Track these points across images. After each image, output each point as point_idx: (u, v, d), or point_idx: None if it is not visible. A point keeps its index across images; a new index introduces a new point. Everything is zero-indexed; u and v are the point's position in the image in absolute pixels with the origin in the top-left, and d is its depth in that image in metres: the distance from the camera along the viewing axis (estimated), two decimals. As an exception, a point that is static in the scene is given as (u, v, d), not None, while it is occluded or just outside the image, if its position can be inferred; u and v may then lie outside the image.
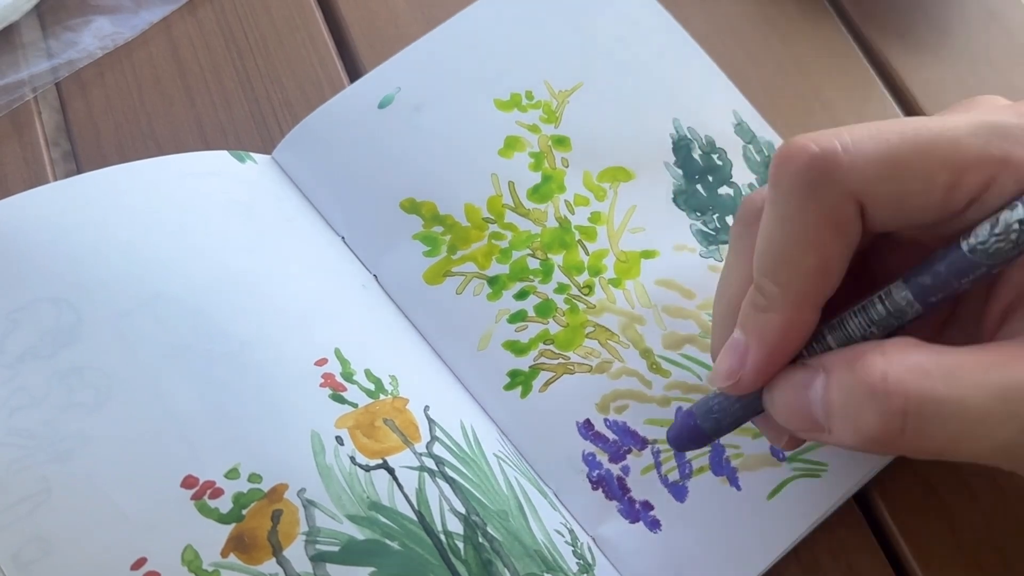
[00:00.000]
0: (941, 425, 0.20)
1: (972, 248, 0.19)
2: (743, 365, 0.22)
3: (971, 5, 0.38)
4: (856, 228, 0.21)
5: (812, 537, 0.28)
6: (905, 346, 0.20)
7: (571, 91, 0.32)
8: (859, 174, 0.20)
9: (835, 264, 0.21)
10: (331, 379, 0.26)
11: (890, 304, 0.21)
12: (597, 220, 0.31)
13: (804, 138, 0.21)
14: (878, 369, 0.20)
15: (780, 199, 0.21)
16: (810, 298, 0.22)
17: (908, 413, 0.20)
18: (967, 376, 0.20)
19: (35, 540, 0.22)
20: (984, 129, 0.20)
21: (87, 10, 0.35)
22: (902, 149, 0.20)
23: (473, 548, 0.24)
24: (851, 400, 0.20)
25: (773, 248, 0.22)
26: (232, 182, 0.30)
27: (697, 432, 0.25)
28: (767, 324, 0.22)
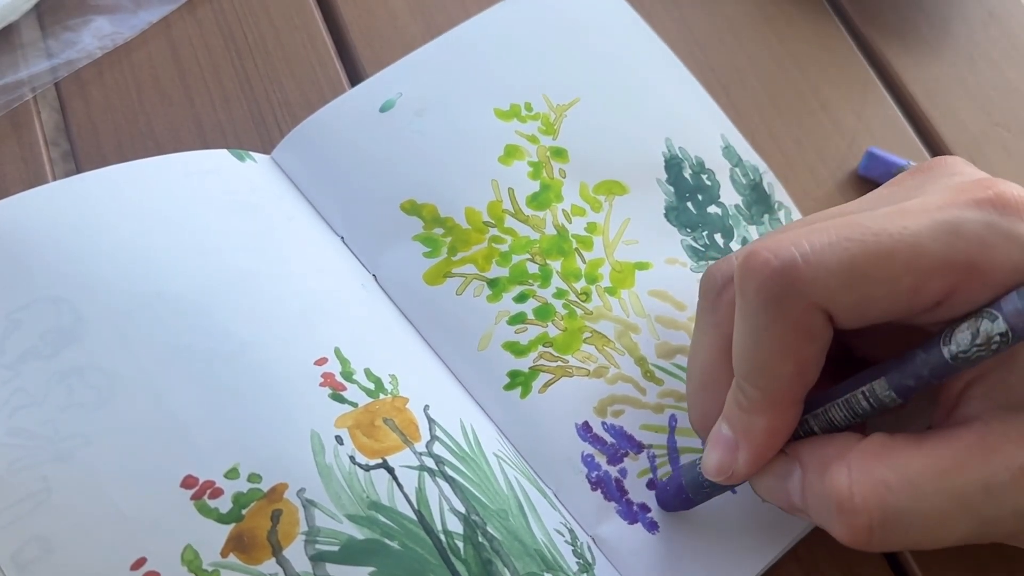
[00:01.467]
0: (905, 532, 0.21)
1: (954, 356, 0.20)
2: (735, 460, 0.23)
3: (971, 5, 0.38)
4: (826, 332, 0.21)
5: (811, 537, 0.28)
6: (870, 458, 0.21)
7: (569, 105, 0.33)
8: (821, 285, 0.20)
9: (811, 366, 0.22)
10: (331, 378, 0.26)
11: (874, 400, 0.22)
12: (593, 230, 0.31)
13: (763, 248, 0.21)
14: (844, 486, 0.21)
15: (748, 310, 0.22)
16: (791, 397, 0.22)
17: (873, 528, 0.21)
18: (926, 485, 0.21)
19: (35, 540, 0.22)
20: (945, 232, 0.20)
21: (86, 10, 0.35)
22: (863, 257, 0.20)
23: (473, 547, 0.24)
24: (822, 509, 0.22)
25: (748, 354, 0.22)
26: (232, 181, 0.30)
27: (686, 497, 0.26)
28: (753, 425, 0.23)
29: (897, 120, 0.35)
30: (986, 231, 0.20)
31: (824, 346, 0.22)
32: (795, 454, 0.23)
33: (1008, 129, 0.35)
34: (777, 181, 0.33)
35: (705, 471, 0.24)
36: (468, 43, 0.33)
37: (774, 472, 0.23)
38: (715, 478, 0.24)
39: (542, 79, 0.33)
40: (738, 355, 0.22)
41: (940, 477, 0.21)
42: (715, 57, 0.36)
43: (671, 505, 0.27)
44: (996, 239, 0.20)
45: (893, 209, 0.21)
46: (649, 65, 0.34)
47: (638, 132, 0.33)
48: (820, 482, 0.22)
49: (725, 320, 0.25)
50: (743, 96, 0.35)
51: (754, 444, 0.23)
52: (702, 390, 0.25)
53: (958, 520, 0.21)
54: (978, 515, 0.21)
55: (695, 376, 0.26)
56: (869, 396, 0.22)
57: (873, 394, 0.22)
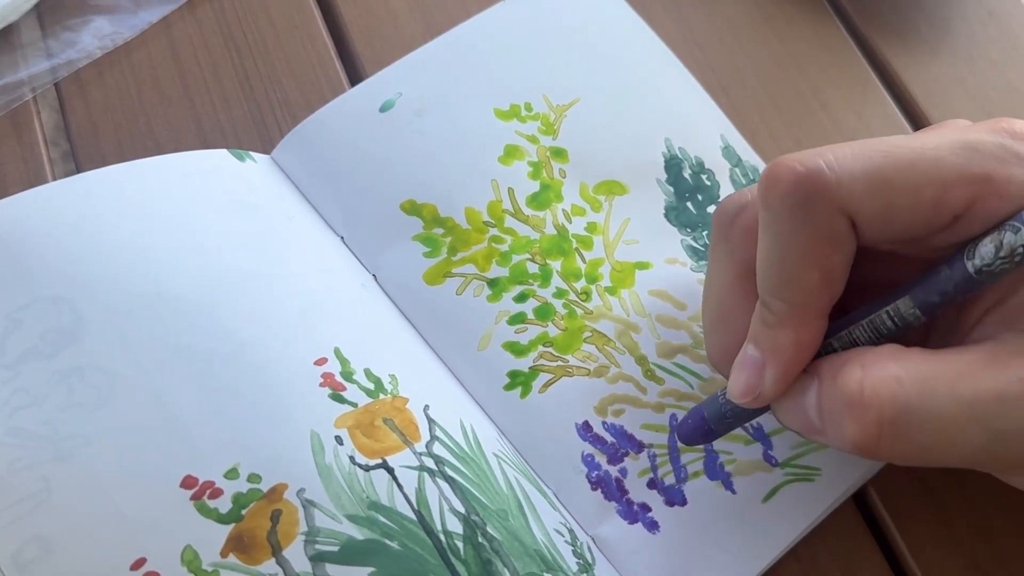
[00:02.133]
0: (915, 434, 0.21)
1: (978, 270, 0.20)
2: (761, 381, 0.23)
3: (971, 5, 0.38)
4: (851, 240, 0.22)
5: (811, 537, 0.28)
6: (884, 356, 0.21)
7: (568, 105, 0.33)
8: (846, 191, 0.21)
9: (837, 275, 0.22)
10: (330, 378, 0.26)
11: (898, 319, 0.22)
12: (593, 230, 0.31)
13: (789, 158, 0.21)
14: (855, 381, 0.21)
15: (773, 220, 0.22)
16: (817, 309, 0.22)
17: (883, 423, 0.21)
18: (939, 387, 0.21)
19: (35, 540, 0.22)
20: (964, 147, 0.21)
21: (86, 10, 0.35)
22: (886, 166, 0.21)
23: (473, 548, 0.24)
24: (834, 410, 0.22)
25: (774, 267, 0.22)
26: (232, 181, 0.30)
27: (709, 432, 0.26)
28: (780, 340, 0.23)
29: (897, 120, 0.35)
30: (1001, 150, 0.21)
31: (849, 256, 0.22)
32: (814, 369, 0.23)
33: (1008, 129, 0.35)
34: (777, 181, 0.33)
35: (732, 395, 0.24)
36: (468, 43, 0.33)
37: (794, 390, 0.23)
38: (742, 400, 0.24)
39: (542, 79, 0.33)
40: (763, 269, 0.22)
41: (954, 381, 0.21)
42: (715, 57, 0.36)
43: (691, 439, 0.27)
44: (1010, 157, 0.21)
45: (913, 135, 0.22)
46: (649, 65, 0.34)
47: (638, 132, 0.33)
48: (833, 385, 0.22)
49: (739, 247, 0.25)
50: (743, 96, 0.35)
51: (782, 360, 0.23)
52: (720, 322, 0.25)
53: (969, 428, 0.21)
54: (990, 426, 0.20)
55: (712, 308, 0.26)
56: (893, 315, 0.22)
57: (898, 312, 0.22)
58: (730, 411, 0.25)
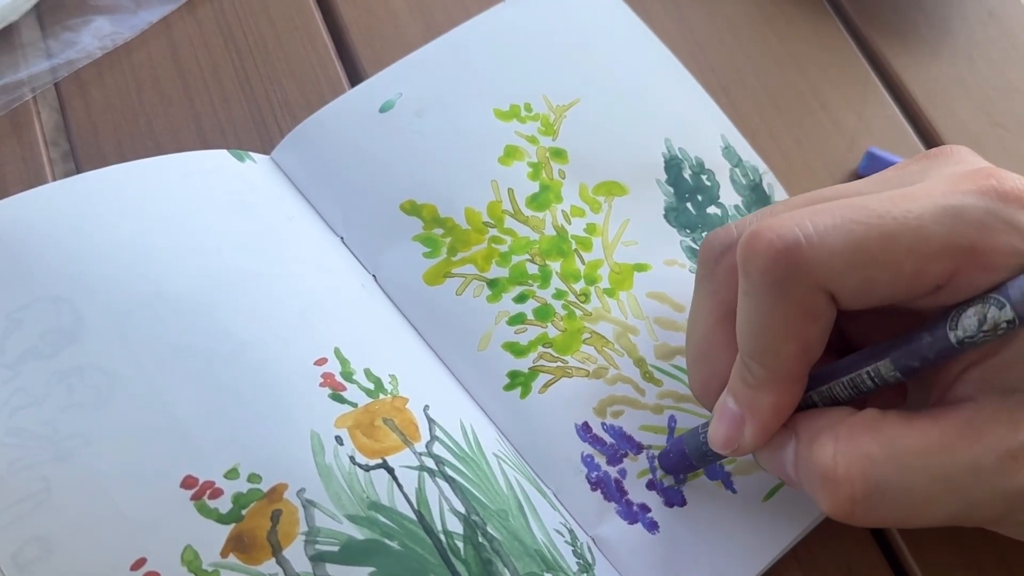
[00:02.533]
0: (888, 507, 0.21)
1: (960, 341, 0.20)
2: (741, 434, 0.23)
3: (971, 5, 0.38)
4: (830, 313, 0.21)
5: (811, 537, 0.28)
6: (858, 430, 0.21)
7: (568, 106, 0.33)
8: (825, 268, 0.20)
9: (814, 344, 0.22)
10: (330, 378, 0.26)
11: (878, 379, 0.22)
12: (592, 231, 0.31)
13: (768, 229, 0.21)
14: (829, 457, 0.21)
15: (752, 292, 0.22)
16: (795, 375, 0.22)
17: (855, 499, 0.21)
18: (911, 461, 0.21)
19: (35, 540, 0.22)
20: (948, 217, 0.20)
21: (86, 10, 0.35)
22: (867, 240, 0.20)
23: (473, 548, 0.24)
24: (809, 479, 0.22)
25: (753, 335, 0.22)
26: (232, 181, 0.30)
27: (688, 463, 0.27)
28: (759, 402, 0.23)
29: (897, 120, 0.35)
30: (987, 217, 0.20)
31: (828, 326, 0.22)
32: (792, 425, 0.23)
33: (1007, 129, 0.35)
34: (777, 182, 0.33)
35: (712, 444, 0.24)
36: (468, 44, 0.33)
37: (773, 443, 0.23)
38: (722, 451, 0.24)
39: (542, 80, 0.33)
40: (742, 334, 0.23)
41: (927, 455, 0.21)
42: (715, 57, 0.36)
43: (673, 470, 0.28)
44: (997, 224, 0.20)
45: (897, 193, 0.21)
46: (648, 66, 0.34)
47: (638, 133, 0.33)
48: (809, 453, 0.22)
49: (723, 287, 0.25)
50: (743, 96, 0.35)
51: (760, 419, 0.23)
52: (701, 358, 0.26)
53: (943, 500, 0.21)
54: (964, 496, 0.21)
55: (694, 345, 0.26)
56: (874, 375, 0.22)
57: (878, 373, 0.22)
58: (709, 449, 0.25)
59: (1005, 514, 0.21)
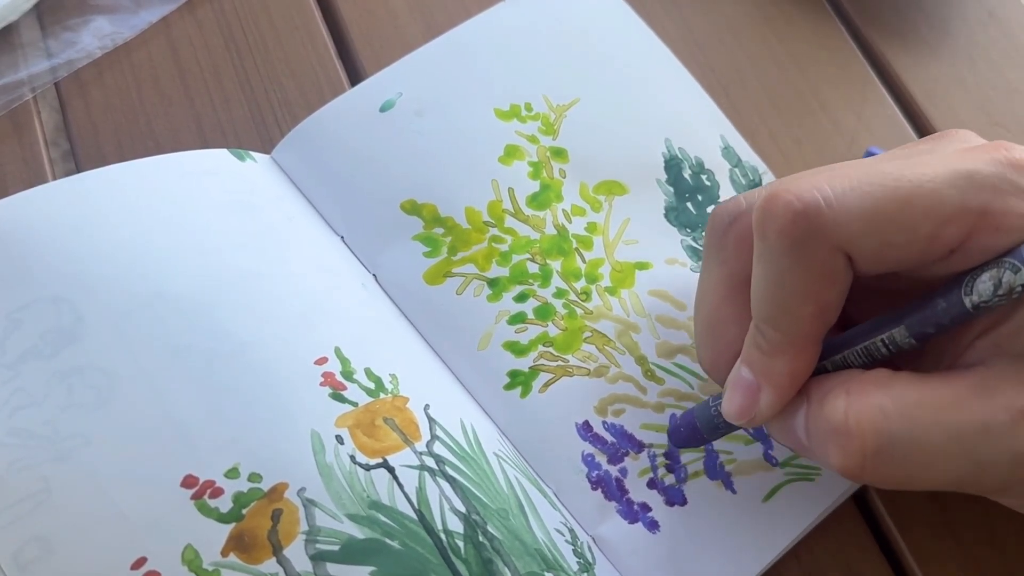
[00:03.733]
0: (899, 462, 0.21)
1: (975, 305, 0.20)
2: (756, 404, 0.23)
3: (971, 5, 0.38)
4: (847, 275, 0.21)
5: (811, 537, 0.28)
6: (870, 385, 0.21)
7: (568, 106, 0.33)
8: (844, 229, 0.20)
9: (832, 307, 0.22)
10: (331, 378, 0.26)
11: (892, 346, 0.22)
12: (593, 230, 0.31)
13: (786, 191, 0.21)
14: (840, 410, 0.21)
15: (768, 253, 0.22)
16: (812, 339, 0.22)
17: (866, 453, 0.21)
18: (924, 417, 0.21)
19: (35, 540, 0.22)
20: (961, 180, 0.20)
21: (86, 10, 0.35)
22: (884, 202, 0.20)
23: (473, 547, 0.24)
24: (821, 434, 0.22)
25: (769, 298, 0.22)
26: (232, 181, 0.30)
27: (699, 436, 0.27)
28: (775, 367, 0.23)
29: (897, 120, 0.35)
30: (999, 181, 0.20)
31: (845, 289, 0.22)
32: (804, 391, 0.23)
33: (1008, 129, 0.36)
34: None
35: (726, 415, 0.24)
36: (468, 43, 0.33)
37: (785, 411, 0.23)
38: (737, 421, 0.24)
39: (542, 79, 0.33)
40: (758, 298, 0.22)
41: (939, 411, 0.21)
42: (715, 57, 0.36)
43: (683, 443, 0.28)
44: (1009, 188, 0.20)
45: (912, 160, 0.21)
46: (648, 66, 0.34)
47: (638, 132, 0.33)
48: (820, 411, 0.22)
49: (732, 256, 0.25)
50: (743, 96, 0.35)
51: (776, 386, 0.23)
52: (711, 329, 0.26)
53: (953, 458, 0.21)
54: (973, 456, 0.21)
55: (703, 316, 0.26)
56: (888, 342, 0.22)
57: (892, 340, 0.22)
58: (722, 421, 0.25)
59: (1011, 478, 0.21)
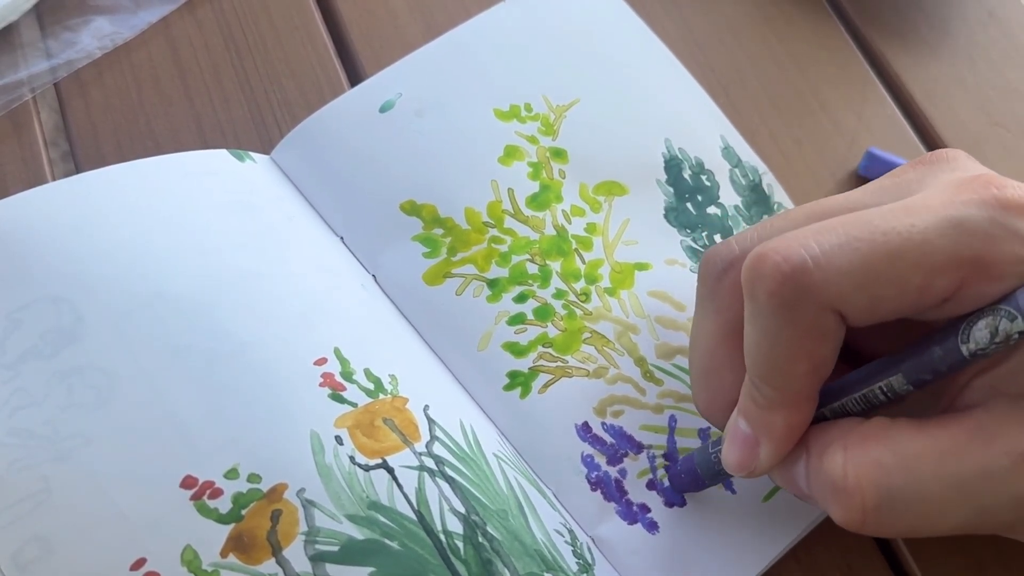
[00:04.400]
0: (899, 514, 0.21)
1: (972, 353, 0.20)
2: (755, 457, 0.23)
3: (971, 5, 0.38)
4: (838, 331, 0.21)
5: (811, 537, 0.28)
6: (868, 438, 0.21)
7: (568, 106, 0.33)
8: (833, 287, 0.20)
9: (825, 363, 0.22)
10: (330, 378, 0.26)
11: (891, 393, 0.22)
12: (593, 231, 0.31)
13: (773, 252, 0.21)
14: (838, 466, 0.21)
15: (760, 315, 0.22)
16: (807, 393, 0.22)
17: (866, 508, 0.21)
18: (923, 468, 0.21)
19: (35, 540, 0.22)
20: (951, 228, 0.20)
21: (86, 10, 0.35)
22: (873, 257, 0.20)
23: (473, 547, 0.24)
24: (820, 489, 0.22)
25: (762, 357, 0.22)
26: (232, 181, 0.30)
27: (700, 481, 0.27)
28: (772, 422, 0.23)
29: (897, 120, 0.35)
30: (990, 226, 0.20)
31: (837, 344, 0.22)
32: (804, 440, 0.23)
33: (1008, 129, 0.36)
34: (776, 182, 0.33)
35: (727, 467, 0.24)
36: (468, 43, 0.33)
37: (785, 460, 0.23)
38: (737, 474, 0.24)
39: (542, 80, 0.33)
40: (751, 356, 0.22)
41: (938, 460, 0.21)
42: (715, 57, 0.36)
43: (685, 488, 0.28)
44: (1000, 233, 0.20)
45: (899, 206, 0.21)
46: (648, 66, 0.34)
47: (638, 133, 0.33)
48: (820, 465, 0.22)
49: (726, 305, 0.25)
50: (743, 96, 0.35)
51: (774, 440, 0.23)
52: (706, 377, 0.26)
53: (955, 506, 0.21)
54: (976, 502, 0.21)
55: (698, 363, 0.26)
56: (886, 389, 0.22)
57: (891, 387, 0.22)
58: (722, 468, 0.25)
59: (1018, 519, 0.21)
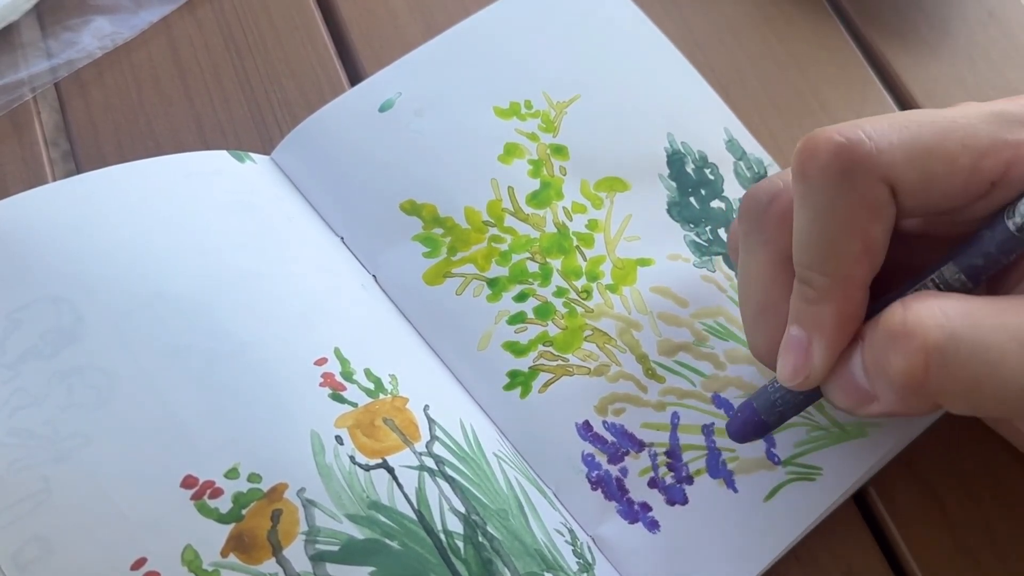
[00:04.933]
0: (963, 363, 0.20)
1: (1020, 227, 0.21)
2: (809, 360, 0.23)
3: (970, 5, 0.38)
4: (891, 210, 0.22)
5: (811, 537, 0.28)
6: (926, 295, 0.21)
7: (569, 102, 0.33)
8: (887, 159, 0.21)
9: (879, 245, 0.22)
10: (331, 378, 0.26)
11: (943, 286, 0.22)
12: (594, 227, 0.31)
13: (827, 130, 0.22)
14: (898, 317, 0.21)
15: (812, 192, 0.22)
16: (860, 280, 0.22)
17: (928, 351, 0.20)
18: (985, 318, 0.20)
19: (35, 540, 0.22)
20: (994, 117, 0.21)
21: (86, 10, 0.35)
22: (922, 135, 0.21)
23: (473, 547, 0.24)
24: (879, 352, 0.21)
25: (814, 240, 0.22)
26: (232, 182, 0.30)
27: (762, 426, 0.26)
28: (823, 315, 0.22)
29: (897, 120, 0.35)
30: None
31: (889, 226, 0.22)
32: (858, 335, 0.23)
33: (1008, 129, 0.35)
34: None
35: (781, 379, 0.24)
36: (467, 41, 0.33)
37: (841, 361, 0.23)
38: (792, 383, 0.23)
39: (541, 76, 0.33)
40: (801, 243, 0.22)
41: (999, 313, 0.20)
42: (715, 57, 0.36)
43: (744, 434, 0.26)
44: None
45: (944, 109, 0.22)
46: (649, 59, 0.34)
47: (639, 128, 0.33)
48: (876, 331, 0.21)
49: (775, 236, 0.24)
50: (743, 96, 0.35)
51: (827, 334, 0.23)
52: (761, 315, 0.25)
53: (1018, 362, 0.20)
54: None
55: (751, 303, 0.25)
56: (939, 281, 0.22)
57: (943, 279, 0.22)
58: (780, 399, 0.24)
59: None
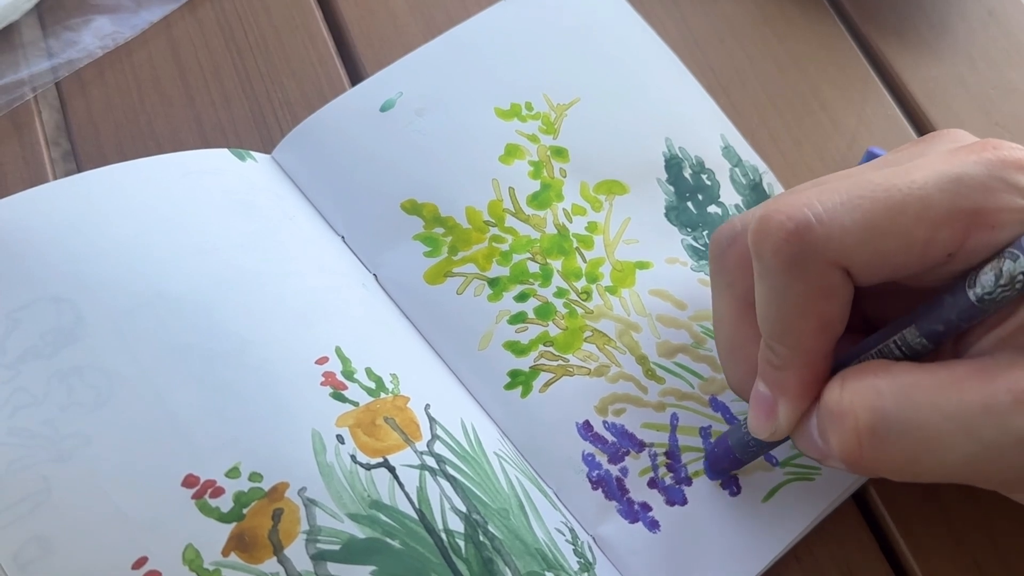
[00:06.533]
0: (896, 442, 0.21)
1: (979, 298, 0.20)
2: (775, 417, 0.24)
3: (970, 4, 0.38)
4: (847, 288, 0.22)
5: (811, 537, 0.28)
6: (865, 370, 0.21)
7: (569, 105, 0.33)
8: (837, 243, 0.21)
9: (835, 321, 0.22)
10: (332, 377, 0.26)
11: (906, 348, 0.22)
12: (594, 230, 0.31)
13: (776, 212, 0.21)
14: (835, 396, 0.21)
15: (768, 273, 0.22)
16: (820, 351, 0.22)
17: (860, 432, 0.21)
18: (919, 397, 0.20)
19: (35, 540, 0.22)
20: (950, 183, 0.20)
21: (87, 9, 0.35)
22: (875, 213, 0.20)
23: (474, 546, 0.24)
24: (822, 426, 0.22)
25: (773, 316, 0.22)
26: (233, 180, 0.30)
27: (736, 461, 0.27)
28: (787, 380, 0.23)
29: (897, 120, 0.35)
30: (989, 179, 0.20)
31: (846, 301, 0.22)
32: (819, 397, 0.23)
33: (1007, 129, 0.36)
34: (777, 181, 0.34)
35: (751, 430, 0.25)
36: (468, 42, 0.33)
37: (803, 420, 0.23)
38: (762, 436, 0.24)
39: (542, 78, 0.33)
40: (762, 317, 0.23)
41: (936, 391, 0.20)
42: (715, 57, 0.36)
43: (720, 469, 0.28)
44: (999, 185, 0.20)
45: (899, 168, 0.21)
46: (649, 65, 0.34)
47: (638, 131, 0.33)
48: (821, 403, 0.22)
49: (737, 278, 0.25)
50: (743, 96, 0.36)
51: (789, 398, 0.23)
52: (733, 353, 0.26)
53: (955, 439, 0.20)
54: (977, 437, 0.20)
55: (723, 339, 0.26)
56: (901, 344, 0.22)
57: (904, 342, 0.22)
58: (753, 441, 0.25)
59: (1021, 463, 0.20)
